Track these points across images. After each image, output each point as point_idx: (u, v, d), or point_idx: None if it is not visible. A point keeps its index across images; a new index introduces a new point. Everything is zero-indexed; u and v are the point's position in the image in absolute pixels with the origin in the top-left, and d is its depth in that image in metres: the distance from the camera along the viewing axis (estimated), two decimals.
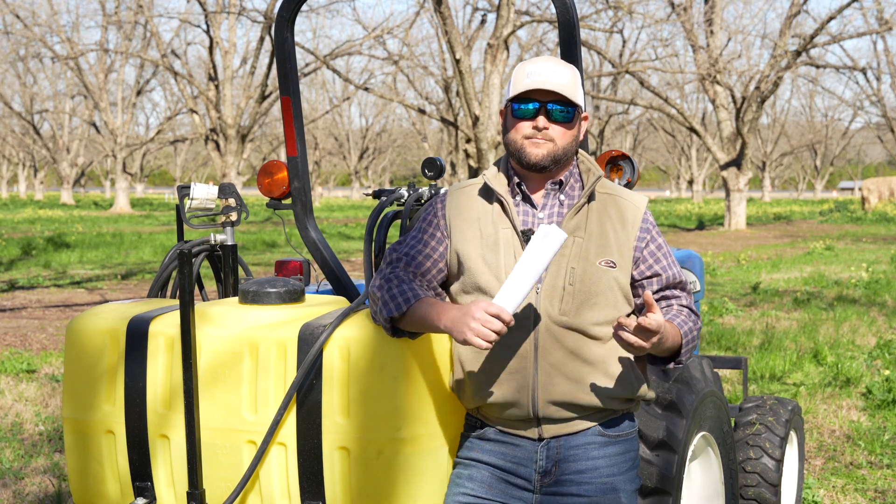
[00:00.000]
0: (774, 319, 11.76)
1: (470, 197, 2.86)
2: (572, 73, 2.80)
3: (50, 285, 15.71)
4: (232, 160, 30.96)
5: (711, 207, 50.78)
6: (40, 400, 7.63)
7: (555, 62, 2.81)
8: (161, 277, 3.72)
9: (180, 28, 39.40)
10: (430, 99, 41.47)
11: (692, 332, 2.80)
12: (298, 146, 3.90)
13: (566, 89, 2.75)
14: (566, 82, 2.76)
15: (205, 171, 79.74)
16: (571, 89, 2.77)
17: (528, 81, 2.76)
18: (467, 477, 2.85)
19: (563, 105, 2.77)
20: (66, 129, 54.94)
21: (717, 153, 31.31)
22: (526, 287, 2.56)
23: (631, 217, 2.83)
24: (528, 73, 2.77)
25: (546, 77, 2.75)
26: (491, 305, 2.54)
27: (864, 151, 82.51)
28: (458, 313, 2.58)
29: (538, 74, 2.76)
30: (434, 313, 2.64)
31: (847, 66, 35.42)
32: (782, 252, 23.04)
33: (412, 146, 71.04)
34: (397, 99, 32.13)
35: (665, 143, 68.25)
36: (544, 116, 2.76)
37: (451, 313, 2.60)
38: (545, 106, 2.76)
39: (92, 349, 3.02)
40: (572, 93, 2.76)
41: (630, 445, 2.89)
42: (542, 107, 2.76)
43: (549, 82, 2.74)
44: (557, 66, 2.79)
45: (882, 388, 7.65)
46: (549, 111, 2.76)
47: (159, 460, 2.97)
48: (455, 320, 2.58)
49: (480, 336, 2.53)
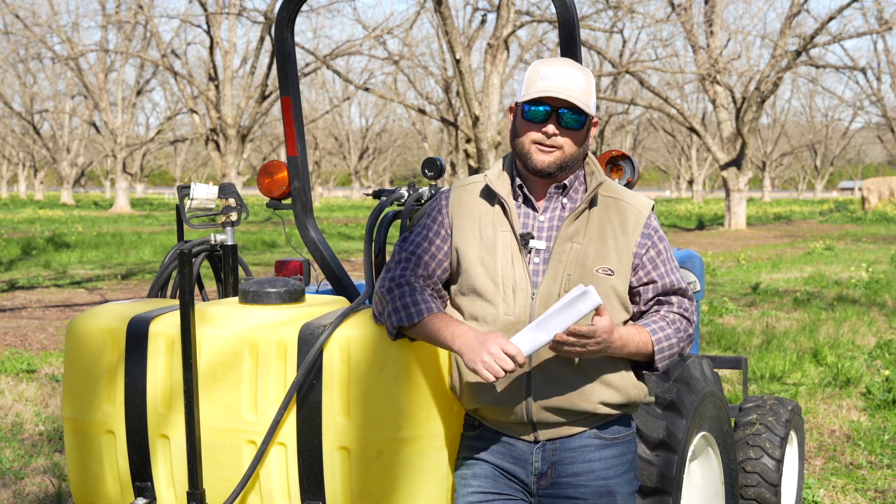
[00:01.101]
0: (774, 319, 11.75)
1: (472, 195, 2.85)
2: (587, 79, 2.76)
3: (50, 285, 15.71)
4: (232, 160, 30.95)
5: (711, 207, 50.78)
6: (40, 400, 7.63)
7: (571, 66, 2.77)
8: (161, 277, 3.72)
9: (180, 28, 39.40)
10: (430, 99, 41.47)
11: (670, 339, 2.75)
12: (298, 146, 3.90)
13: (580, 97, 2.71)
14: (580, 89, 2.72)
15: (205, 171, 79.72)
16: (585, 96, 2.73)
17: (542, 85, 2.71)
18: (472, 475, 2.85)
19: (576, 112, 2.73)
20: (66, 129, 54.94)
21: (717, 153, 31.31)
22: (547, 337, 2.55)
23: (633, 222, 2.80)
24: (543, 75, 2.73)
25: (561, 83, 2.71)
26: (509, 344, 2.55)
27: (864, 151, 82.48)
28: (474, 341, 2.59)
29: (553, 79, 2.72)
30: (448, 333, 2.65)
31: (847, 66, 35.44)
32: (782, 252, 23.04)
33: (412, 146, 71.03)
34: (397, 99, 32.13)
35: (665, 143, 68.22)
36: (555, 123, 2.73)
37: (466, 338, 2.60)
38: (557, 111, 2.73)
39: (92, 349, 3.02)
40: (586, 100, 2.73)
41: (627, 448, 2.87)
42: (553, 112, 2.73)
43: (563, 89, 2.70)
44: (573, 70, 2.75)
45: (882, 388, 7.64)
46: (561, 117, 2.73)
47: (159, 460, 2.97)
48: (469, 347, 2.59)
49: (490, 370, 2.55)
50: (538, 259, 2.77)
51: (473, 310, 2.76)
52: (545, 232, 2.80)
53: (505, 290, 2.73)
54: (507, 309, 2.73)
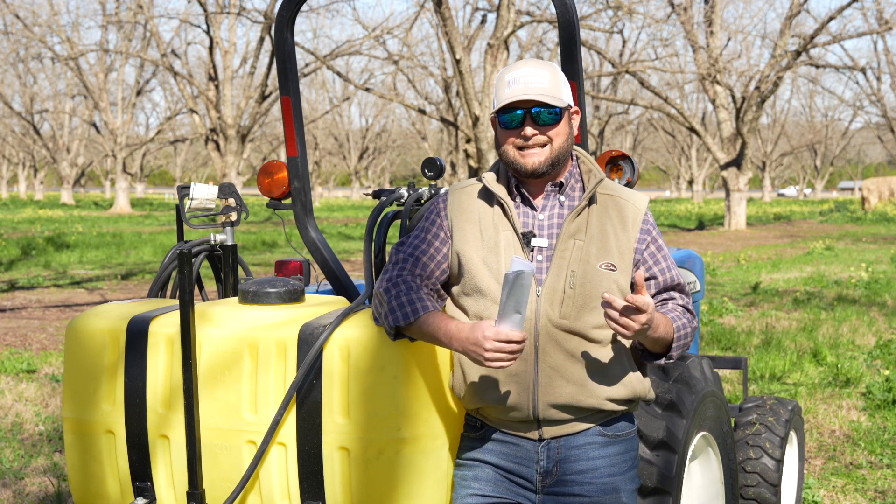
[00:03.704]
0: (774, 319, 11.75)
1: (471, 197, 2.86)
2: (552, 73, 2.78)
3: (50, 285, 15.71)
4: (232, 160, 30.95)
5: (711, 207, 50.78)
6: (40, 400, 7.63)
7: (533, 65, 2.78)
8: (161, 277, 3.72)
9: (180, 28, 39.41)
10: (430, 99, 41.47)
11: (685, 329, 2.80)
12: (298, 146, 3.90)
13: (547, 92, 2.73)
14: (546, 84, 2.74)
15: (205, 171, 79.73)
16: (553, 90, 2.74)
17: (508, 92, 2.74)
18: (472, 477, 2.86)
19: (548, 107, 2.75)
20: (66, 129, 54.95)
21: (717, 153, 31.31)
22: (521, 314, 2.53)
23: (632, 218, 2.83)
24: (508, 81, 2.76)
25: (526, 83, 2.73)
26: (499, 334, 2.54)
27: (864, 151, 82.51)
28: (467, 342, 2.58)
29: (517, 83, 2.74)
30: (443, 335, 2.65)
31: (847, 66, 35.42)
32: (782, 252, 23.04)
33: (412, 146, 71.02)
34: (397, 99, 32.14)
35: (665, 143, 68.24)
36: (531, 124, 2.75)
37: (460, 340, 2.60)
38: (530, 112, 2.74)
39: (92, 349, 3.02)
40: (555, 93, 2.74)
41: (630, 445, 2.89)
42: (526, 114, 2.75)
43: (529, 89, 2.72)
44: (536, 69, 2.77)
45: (882, 388, 7.64)
46: (535, 116, 2.74)
47: (159, 460, 2.97)
48: (468, 350, 2.60)
49: (500, 360, 2.55)
50: (541, 257, 2.79)
51: (478, 309, 2.77)
52: (545, 230, 2.81)
53: None
54: None
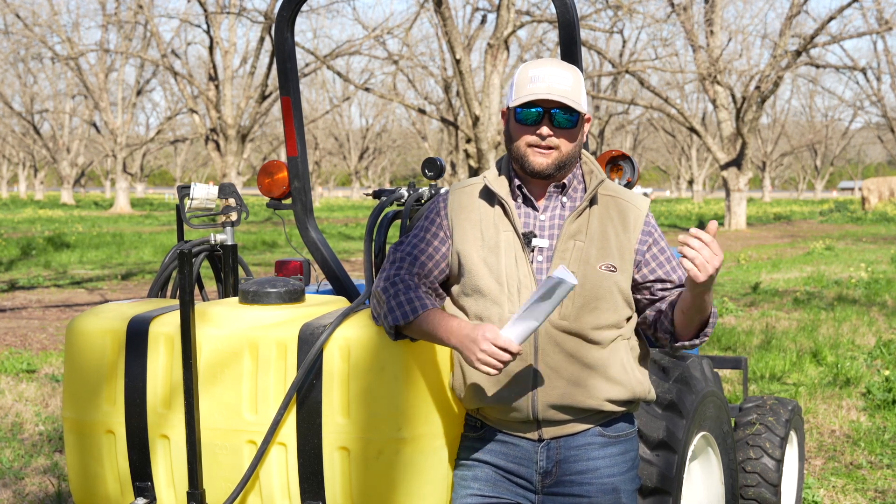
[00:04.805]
0: (774, 319, 11.75)
1: (471, 197, 2.86)
2: (575, 77, 2.77)
3: (50, 285, 15.71)
4: (232, 160, 30.95)
5: (711, 207, 50.76)
6: (40, 400, 7.63)
7: (558, 66, 2.77)
8: (161, 277, 3.72)
9: (180, 28, 39.43)
10: (430, 99, 41.48)
11: (714, 308, 2.76)
12: (298, 146, 3.90)
13: (570, 95, 2.72)
14: (570, 88, 2.73)
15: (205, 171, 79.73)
16: (575, 95, 2.73)
17: (531, 87, 2.72)
18: (472, 477, 2.85)
19: (567, 111, 2.74)
20: (67, 129, 54.94)
21: (717, 153, 31.31)
22: (536, 323, 2.54)
23: (633, 219, 2.82)
24: (532, 77, 2.74)
25: (550, 83, 2.71)
26: (498, 338, 2.54)
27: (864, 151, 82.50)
28: (466, 339, 2.59)
29: (541, 80, 2.72)
30: (442, 331, 2.65)
31: (847, 66, 35.43)
32: (782, 252, 23.04)
33: (412, 146, 71.02)
34: (397, 99, 32.11)
35: (665, 143, 68.22)
36: (548, 124, 2.73)
37: (459, 335, 2.61)
38: (549, 112, 2.73)
39: (92, 349, 3.02)
40: (576, 99, 2.73)
41: (630, 445, 2.89)
42: (545, 113, 2.73)
43: (553, 90, 2.71)
44: (561, 70, 2.76)
45: (882, 388, 7.64)
46: (553, 117, 2.73)
47: (159, 460, 2.97)
48: (463, 345, 2.60)
49: (488, 365, 2.56)
50: (541, 257, 2.78)
51: (478, 310, 2.77)
52: (547, 231, 2.81)
53: (510, 289, 2.74)
54: (513, 308, 2.73)
